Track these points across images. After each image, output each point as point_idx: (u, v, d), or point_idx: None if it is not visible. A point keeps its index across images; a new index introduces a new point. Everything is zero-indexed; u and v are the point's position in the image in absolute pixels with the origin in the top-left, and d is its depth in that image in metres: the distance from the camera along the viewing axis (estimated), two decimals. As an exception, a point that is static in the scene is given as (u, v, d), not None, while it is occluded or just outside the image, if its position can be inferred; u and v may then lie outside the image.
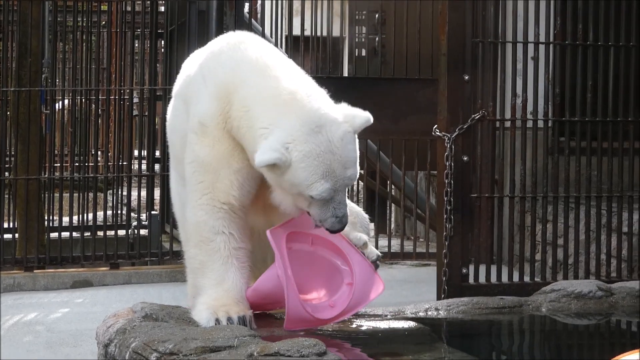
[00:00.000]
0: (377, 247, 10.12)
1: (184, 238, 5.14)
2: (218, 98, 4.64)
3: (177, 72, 10.30)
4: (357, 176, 4.60)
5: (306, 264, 4.84)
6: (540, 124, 7.45)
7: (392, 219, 12.04)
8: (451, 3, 6.96)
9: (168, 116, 5.29)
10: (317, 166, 4.42)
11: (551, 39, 7.42)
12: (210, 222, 4.70)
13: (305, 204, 4.55)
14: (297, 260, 4.77)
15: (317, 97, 4.56)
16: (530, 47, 7.37)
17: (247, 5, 10.66)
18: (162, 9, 12.12)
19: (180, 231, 5.42)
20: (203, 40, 9.79)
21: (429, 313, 5.27)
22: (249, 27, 9.97)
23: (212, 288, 4.67)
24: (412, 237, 10.26)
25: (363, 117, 4.59)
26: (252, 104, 4.56)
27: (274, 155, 4.36)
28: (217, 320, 4.49)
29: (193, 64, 5.03)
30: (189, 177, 4.79)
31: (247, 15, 10.39)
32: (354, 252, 4.87)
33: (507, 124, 7.45)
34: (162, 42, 11.96)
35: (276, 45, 10.24)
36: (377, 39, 12.05)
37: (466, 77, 7.02)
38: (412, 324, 4.95)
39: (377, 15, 12.40)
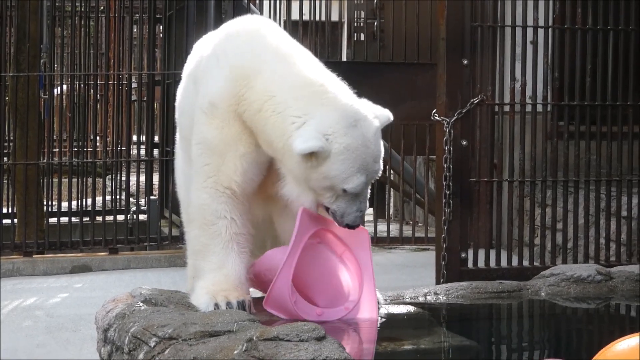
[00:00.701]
0: (375, 232, 10.14)
1: (187, 219, 5.14)
2: (233, 80, 4.64)
3: (176, 57, 10.31)
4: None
5: (326, 267, 4.82)
6: (540, 108, 7.45)
7: (391, 204, 12.05)
8: (450, -13, 6.96)
9: (178, 97, 5.28)
10: (355, 159, 4.45)
11: (550, 23, 7.41)
12: (214, 205, 4.69)
13: (331, 199, 4.55)
14: (318, 257, 4.75)
15: (345, 91, 4.60)
16: (530, 31, 7.36)
17: (245, -11, 10.63)
18: (161, -7, 12.09)
19: (182, 212, 5.41)
20: (201, 25, 9.80)
21: (428, 297, 5.27)
22: (248, 12, 9.95)
23: (211, 272, 4.68)
24: (411, 222, 10.27)
25: (386, 115, 4.68)
26: (279, 91, 4.55)
27: (317, 144, 4.36)
28: (216, 305, 4.49)
29: (206, 45, 5.01)
30: (195, 158, 4.78)
31: (246, -1, 10.37)
32: (371, 285, 4.82)
33: (506, 108, 7.46)
34: (161, 27, 11.95)
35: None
36: (375, 23, 12.04)
37: (465, 62, 7.01)
38: (411, 308, 4.95)
39: (375, 0, 12.39)
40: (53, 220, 10.08)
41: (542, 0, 7.36)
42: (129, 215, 10.55)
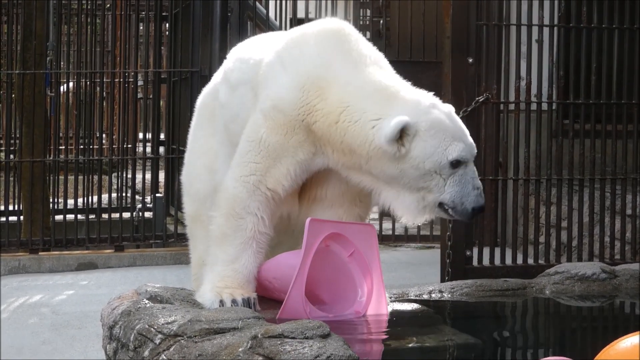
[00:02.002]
0: (381, 229, 10.14)
1: (196, 208, 5.17)
2: (303, 90, 4.57)
3: (182, 55, 10.31)
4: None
5: (334, 268, 4.81)
6: (545, 106, 7.46)
7: (397, 202, 12.02)
8: (455, -14, 6.97)
9: (227, 104, 5.08)
10: (445, 130, 4.43)
11: (556, 22, 7.41)
12: (247, 200, 4.64)
13: (439, 187, 4.46)
14: (328, 259, 4.75)
15: (416, 90, 4.59)
16: (535, 29, 7.37)
17: (251, -13, 10.63)
18: (167, -9, 12.10)
19: (188, 203, 5.38)
20: (207, 23, 9.81)
21: (433, 295, 5.27)
22: (253, 10, 9.96)
23: (222, 264, 4.65)
24: (416, 220, 10.26)
25: (451, 106, 4.67)
26: (354, 100, 4.50)
27: (401, 120, 4.34)
28: (221, 302, 4.49)
29: (261, 50, 4.88)
30: (242, 152, 4.69)
31: (252, -3, 10.37)
32: (380, 283, 4.82)
33: (511, 106, 7.46)
34: (167, 25, 11.97)
35: (281, 28, 10.23)
36: (381, 21, 12.05)
37: (470, 60, 7.02)
38: (415, 306, 4.95)
39: (381, -2, 12.40)
40: (59, 217, 10.11)
41: (548, -2, 7.37)
42: (134, 213, 10.57)
